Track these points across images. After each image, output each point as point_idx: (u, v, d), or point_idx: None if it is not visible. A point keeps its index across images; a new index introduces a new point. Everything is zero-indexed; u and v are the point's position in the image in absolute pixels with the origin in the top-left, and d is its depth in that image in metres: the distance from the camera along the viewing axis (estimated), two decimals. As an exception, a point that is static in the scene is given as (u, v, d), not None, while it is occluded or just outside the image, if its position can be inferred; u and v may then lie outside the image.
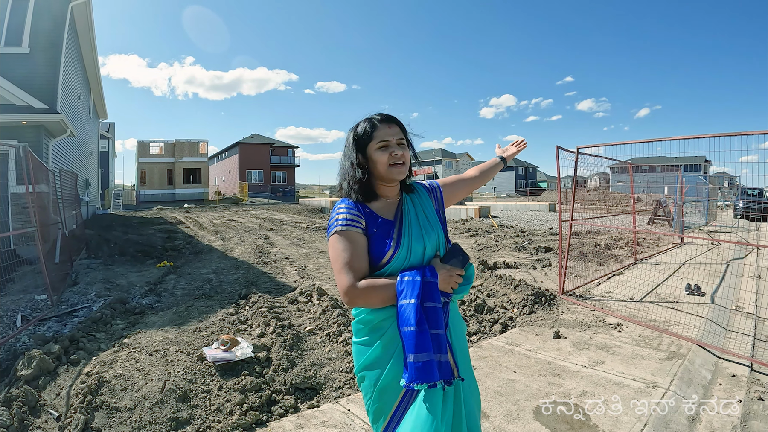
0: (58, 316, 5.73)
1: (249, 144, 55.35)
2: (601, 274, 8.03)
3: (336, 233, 1.76)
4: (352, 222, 1.76)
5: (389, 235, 1.78)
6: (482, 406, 3.43)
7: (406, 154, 1.85)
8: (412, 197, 1.95)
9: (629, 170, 10.72)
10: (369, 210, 1.82)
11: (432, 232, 1.86)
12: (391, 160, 1.79)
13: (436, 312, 1.67)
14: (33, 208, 6.40)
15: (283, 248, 11.98)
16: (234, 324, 5.22)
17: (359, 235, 1.76)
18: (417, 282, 1.66)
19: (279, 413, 3.46)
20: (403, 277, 1.69)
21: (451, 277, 1.75)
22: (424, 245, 1.82)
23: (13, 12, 10.50)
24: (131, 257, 10.25)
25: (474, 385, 1.89)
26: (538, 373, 4.07)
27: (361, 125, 1.86)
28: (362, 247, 1.75)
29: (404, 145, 1.85)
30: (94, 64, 17.03)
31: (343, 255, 1.72)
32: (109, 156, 42.23)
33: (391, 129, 1.83)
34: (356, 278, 1.70)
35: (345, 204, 1.82)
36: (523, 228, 16.40)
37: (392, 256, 1.76)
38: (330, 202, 31.57)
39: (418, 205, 1.93)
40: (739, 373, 4.11)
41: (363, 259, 1.74)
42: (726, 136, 4.69)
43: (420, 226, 1.85)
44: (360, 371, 1.82)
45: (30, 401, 3.29)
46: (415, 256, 1.79)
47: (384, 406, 1.75)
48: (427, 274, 1.70)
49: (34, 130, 10.02)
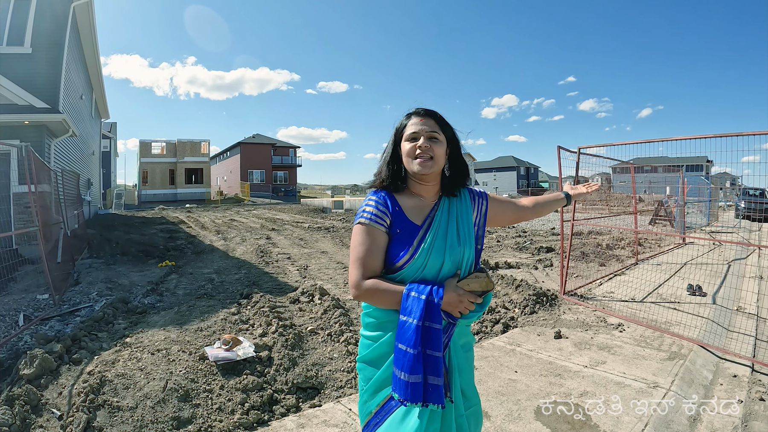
0: (60, 316, 5.74)
1: (251, 144, 55.39)
2: (602, 275, 8.03)
3: (359, 224, 1.74)
4: (376, 217, 1.73)
5: (410, 241, 1.71)
6: (483, 405, 3.44)
7: (437, 149, 1.72)
8: (450, 202, 1.84)
9: (631, 170, 10.72)
10: (399, 208, 1.77)
11: (458, 247, 1.74)
12: (415, 152, 1.72)
13: (436, 334, 1.59)
14: (35, 207, 6.41)
15: (284, 248, 11.99)
16: (236, 323, 5.23)
17: (381, 232, 1.72)
18: (422, 301, 1.59)
19: (280, 413, 3.47)
20: (410, 291, 1.62)
21: (461, 302, 1.63)
22: (443, 260, 1.71)
23: (15, 12, 10.52)
24: (133, 257, 10.27)
25: (476, 407, 1.83)
26: (539, 373, 4.07)
27: (401, 119, 1.82)
28: (379, 246, 1.71)
29: (436, 139, 1.74)
30: (95, 64, 17.05)
31: (359, 249, 1.71)
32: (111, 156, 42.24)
33: (423, 121, 1.75)
34: (365, 276, 1.68)
35: (375, 197, 1.78)
36: (525, 228, 16.41)
37: (406, 263, 1.69)
38: (332, 202, 31.55)
39: (453, 213, 1.81)
40: (741, 373, 4.11)
41: (377, 258, 1.71)
42: (728, 137, 4.68)
43: (446, 238, 1.74)
44: (360, 362, 1.82)
45: (32, 400, 3.30)
46: (430, 270, 1.70)
47: (371, 403, 1.75)
48: (433, 293, 1.61)
49: (36, 130, 10.04)
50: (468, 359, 1.83)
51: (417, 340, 1.57)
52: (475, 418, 1.82)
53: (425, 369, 1.59)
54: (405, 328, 1.60)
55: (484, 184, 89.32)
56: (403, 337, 1.60)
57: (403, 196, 1.80)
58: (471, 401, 1.80)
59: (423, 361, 1.58)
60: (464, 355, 1.79)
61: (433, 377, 1.59)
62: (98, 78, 18.55)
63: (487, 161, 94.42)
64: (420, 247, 1.69)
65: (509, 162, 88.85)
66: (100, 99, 21.26)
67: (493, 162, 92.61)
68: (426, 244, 1.70)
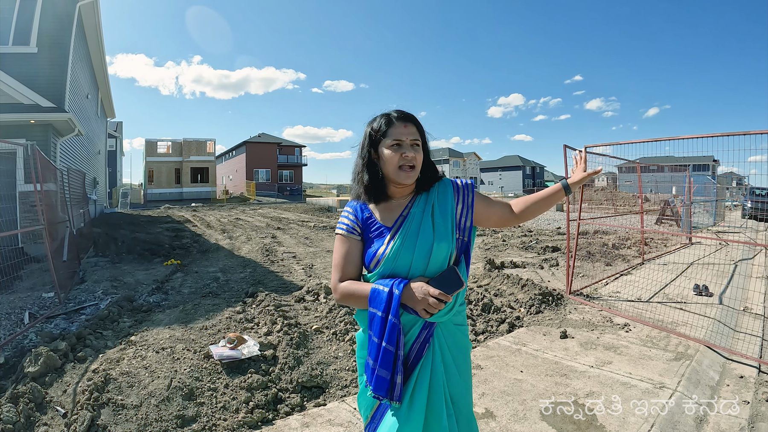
0: (66, 314, 5.76)
1: (256, 143, 55.45)
2: (608, 274, 7.99)
3: (336, 234, 1.85)
4: (349, 228, 1.81)
5: (380, 242, 1.75)
6: (489, 405, 3.43)
7: (419, 157, 1.74)
8: (428, 197, 1.82)
9: (637, 170, 10.68)
10: (369, 214, 1.81)
11: (432, 243, 1.71)
12: (401, 162, 1.71)
13: (393, 326, 1.61)
14: (41, 206, 6.43)
15: (290, 247, 12.00)
16: (241, 322, 5.24)
17: (355, 240, 1.80)
18: (384, 293, 1.63)
19: (285, 411, 3.46)
20: (377, 286, 1.66)
21: (425, 298, 1.57)
22: (413, 257, 1.70)
23: (20, 12, 10.56)
24: (138, 255, 10.30)
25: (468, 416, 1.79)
26: (545, 372, 4.05)
27: (377, 121, 1.78)
28: (354, 253, 1.79)
29: (418, 146, 1.75)
30: (101, 63, 17.10)
31: (336, 256, 1.82)
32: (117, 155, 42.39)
33: (407, 128, 1.74)
34: (341, 279, 1.78)
35: (349, 208, 1.84)
36: (531, 227, 16.36)
37: (378, 263, 1.73)
38: (337, 201, 31.61)
39: (428, 209, 1.79)
40: (747, 374, 4.08)
41: (352, 264, 1.79)
42: (734, 135, 4.64)
43: (419, 235, 1.72)
44: (358, 357, 1.88)
45: (37, 398, 3.31)
46: (401, 267, 1.71)
47: (367, 401, 1.79)
48: (394, 285, 1.63)
49: (42, 129, 10.08)
50: (459, 364, 1.79)
51: (380, 329, 1.63)
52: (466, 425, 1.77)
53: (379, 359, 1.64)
54: (371, 319, 1.67)
55: (490, 183, 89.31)
56: (371, 327, 1.68)
57: (379, 200, 1.83)
58: (459, 407, 1.75)
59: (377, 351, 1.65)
60: (453, 360, 1.77)
61: (382, 369, 1.64)
62: (104, 77, 18.61)
63: (493, 160, 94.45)
64: (389, 247, 1.72)
65: (515, 161, 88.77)
66: (105, 98, 21.33)
67: (498, 161, 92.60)
68: (396, 244, 1.72)
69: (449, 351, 1.76)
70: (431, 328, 1.72)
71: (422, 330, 1.71)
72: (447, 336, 1.76)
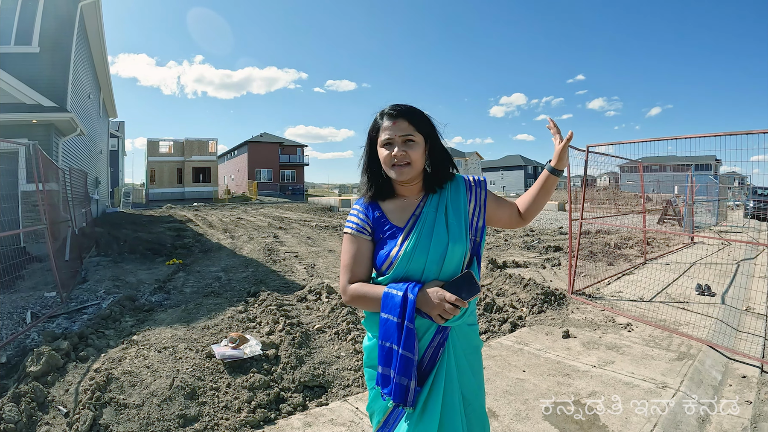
0: (68, 313, 5.76)
1: (258, 143, 55.45)
2: (610, 274, 7.98)
3: (345, 233, 1.79)
4: (359, 227, 1.75)
5: (393, 243, 1.69)
6: (491, 405, 3.43)
7: (413, 153, 1.65)
8: (440, 196, 1.76)
9: (640, 169, 10.66)
10: (380, 213, 1.75)
11: (446, 244, 1.66)
12: (392, 160, 1.66)
13: (409, 332, 1.57)
14: (43, 206, 6.44)
15: (292, 246, 12.00)
16: (243, 322, 5.24)
17: (365, 240, 1.75)
18: (398, 298, 1.58)
19: (287, 411, 3.46)
20: (390, 290, 1.61)
21: (440, 304, 1.53)
22: (427, 259, 1.65)
23: (22, 12, 10.58)
24: (141, 255, 10.30)
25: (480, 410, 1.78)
26: (547, 372, 4.05)
27: (374, 119, 1.74)
28: (364, 254, 1.74)
29: (412, 143, 1.65)
30: (103, 63, 17.12)
31: (345, 257, 1.75)
32: (119, 154, 42.47)
33: (396, 125, 1.65)
34: (350, 281, 1.72)
35: (358, 206, 1.79)
36: (533, 227, 16.33)
37: (390, 266, 1.68)
38: (339, 201, 31.62)
39: (442, 209, 1.73)
40: (750, 374, 4.07)
41: (362, 265, 1.73)
42: (737, 135, 4.63)
43: (432, 236, 1.67)
44: (366, 366, 1.82)
45: (38, 397, 3.31)
46: (415, 270, 1.66)
47: (379, 407, 1.75)
48: (409, 289, 1.58)
49: (44, 129, 10.09)
50: (471, 363, 1.77)
51: (393, 336, 1.59)
52: (478, 422, 1.76)
53: (396, 366, 1.59)
54: (384, 324, 1.62)
55: (492, 183, 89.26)
56: (383, 332, 1.62)
57: (388, 199, 1.79)
58: (472, 405, 1.74)
59: (395, 358, 1.59)
60: (466, 359, 1.75)
61: (401, 377, 1.58)
62: (106, 77, 18.62)
63: (495, 160, 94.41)
64: (402, 249, 1.66)
65: (517, 161, 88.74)
66: (107, 98, 21.35)
67: (500, 161, 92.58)
68: (409, 246, 1.66)
69: (463, 352, 1.73)
70: (445, 332, 1.68)
71: (436, 334, 1.67)
72: (461, 338, 1.73)
